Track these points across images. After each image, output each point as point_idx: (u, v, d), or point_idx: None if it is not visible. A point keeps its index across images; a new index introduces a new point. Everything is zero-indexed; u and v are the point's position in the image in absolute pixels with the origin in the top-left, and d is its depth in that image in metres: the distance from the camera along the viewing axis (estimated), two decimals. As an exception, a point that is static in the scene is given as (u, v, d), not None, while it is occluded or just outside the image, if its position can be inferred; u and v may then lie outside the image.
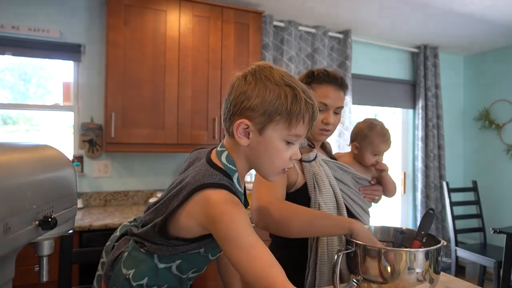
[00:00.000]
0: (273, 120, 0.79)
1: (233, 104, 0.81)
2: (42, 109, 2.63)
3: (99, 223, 2.07)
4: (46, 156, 0.66)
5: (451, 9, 2.96)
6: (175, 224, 0.81)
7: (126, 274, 0.84)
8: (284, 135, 0.81)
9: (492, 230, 2.70)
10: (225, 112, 0.84)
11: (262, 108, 0.78)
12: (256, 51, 2.79)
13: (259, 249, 0.73)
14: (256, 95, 0.79)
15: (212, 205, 0.75)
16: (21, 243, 0.55)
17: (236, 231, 0.73)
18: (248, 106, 0.79)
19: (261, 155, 0.83)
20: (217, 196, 0.76)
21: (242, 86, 0.81)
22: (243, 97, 0.80)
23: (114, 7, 2.37)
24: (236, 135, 0.81)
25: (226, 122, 0.84)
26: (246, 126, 0.80)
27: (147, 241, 0.85)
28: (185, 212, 0.79)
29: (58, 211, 0.64)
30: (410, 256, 0.89)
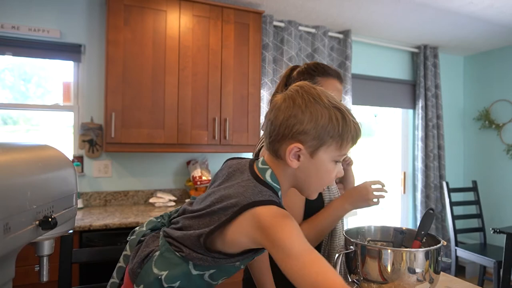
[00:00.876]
0: (325, 143, 0.81)
1: (283, 127, 0.81)
2: (42, 109, 2.63)
3: (99, 223, 2.07)
4: (46, 156, 0.66)
5: (451, 9, 2.96)
6: (220, 238, 0.80)
7: (158, 275, 0.84)
8: (334, 156, 0.83)
9: (492, 230, 2.70)
10: (271, 134, 0.84)
11: (315, 132, 0.80)
12: (256, 51, 2.79)
13: (312, 256, 0.73)
14: (308, 119, 0.79)
15: (264, 220, 0.75)
16: (21, 243, 0.55)
17: (289, 241, 0.73)
18: (301, 130, 0.80)
19: (311, 176, 0.85)
20: (268, 211, 0.77)
21: (291, 109, 0.81)
22: (294, 120, 0.80)
23: (114, 7, 2.37)
24: (288, 159, 0.81)
25: (274, 144, 0.84)
26: (298, 150, 0.81)
27: (187, 247, 0.84)
28: (234, 228, 0.78)
29: (58, 211, 0.64)
30: (410, 256, 0.89)
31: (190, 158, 2.93)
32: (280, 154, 0.83)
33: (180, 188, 2.91)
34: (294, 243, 0.73)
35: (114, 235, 2.10)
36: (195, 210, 0.88)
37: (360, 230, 1.14)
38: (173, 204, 2.68)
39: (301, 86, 0.85)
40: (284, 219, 0.76)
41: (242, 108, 2.75)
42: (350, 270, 0.99)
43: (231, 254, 0.82)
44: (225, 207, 0.80)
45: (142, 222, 2.11)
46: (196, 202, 0.92)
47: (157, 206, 2.63)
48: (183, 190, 2.91)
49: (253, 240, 0.78)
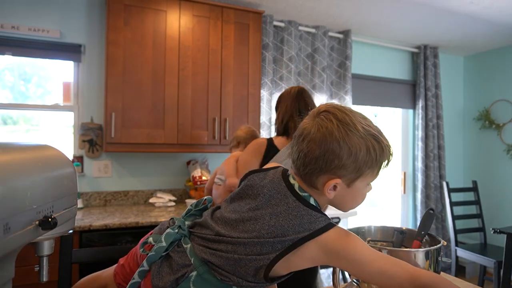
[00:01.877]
0: (363, 174, 0.80)
1: (320, 162, 0.79)
2: (42, 109, 2.63)
3: (99, 223, 2.07)
4: (46, 156, 0.66)
5: (451, 9, 2.96)
6: (277, 267, 0.79)
7: None
8: (369, 182, 0.84)
9: (492, 230, 2.70)
10: (306, 166, 0.81)
11: (354, 166, 0.78)
12: (256, 51, 2.79)
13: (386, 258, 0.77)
14: (347, 154, 0.77)
15: (333, 245, 0.77)
16: (21, 243, 0.55)
17: (362, 254, 0.76)
18: (340, 166, 0.78)
19: (347, 201, 0.85)
20: (335, 235, 0.77)
21: (328, 143, 0.78)
22: (333, 156, 0.78)
23: (114, 7, 2.37)
24: (326, 192, 0.80)
25: (310, 177, 0.82)
26: (335, 184, 0.80)
27: (236, 276, 0.82)
28: (295, 257, 0.78)
29: (58, 211, 0.64)
30: (410, 256, 0.89)
31: (190, 158, 2.93)
32: (316, 185, 0.82)
33: (180, 188, 2.91)
34: (371, 255, 0.76)
35: (114, 235, 2.10)
36: (235, 236, 0.83)
37: (360, 230, 1.13)
38: (173, 204, 2.68)
39: (333, 113, 0.81)
40: (351, 239, 0.77)
41: (242, 108, 2.75)
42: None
43: (283, 276, 0.82)
44: (282, 240, 0.78)
45: (142, 222, 2.11)
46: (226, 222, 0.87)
47: (157, 206, 2.63)
48: (183, 190, 2.91)
49: (317, 262, 0.79)
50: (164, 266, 0.88)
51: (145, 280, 0.90)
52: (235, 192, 0.93)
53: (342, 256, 0.76)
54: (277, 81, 3.11)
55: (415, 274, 0.74)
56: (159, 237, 0.92)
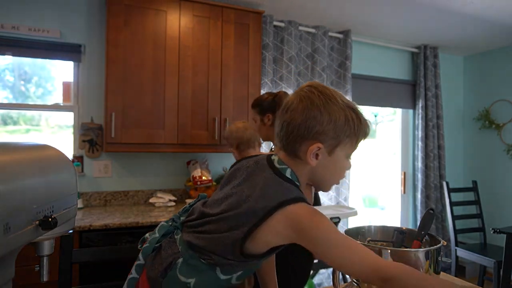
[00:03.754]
0: (342, 142, 0.85)
1: (302, 129, 0.84)
2: (42, 109, 2.63)
3: (99, 223, 2.07)
4: (46, 156, 0.66)
5: (451, 9, 2.96)
6: (252, 241, 0.81)
7: (186, 282, 0.86)
8: (349, 153, 0.89)
9: (492, 230, 2.70)
10: (289, 135, 0.86)
11: (334, 132, 0.84)
12: (256, 51, 2.79)
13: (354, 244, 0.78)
14: (327, 120, 0.83)
15: (301, 222, 0.78)
16: (21, 243, 0.55)
17: (333, 237, 0.77)
18: (321, 131, 0.83)
19: (328, 172, 0.89)
20: (302, 210, 0.79)
21: (310, 111, 0.84)
22: (314, 122, 0.83)
23: (114, 7, 2.37)
24: (308, 158, 0.84)
25: (293, 145, 0.86)
26: (318, 149, 0.84)
27: (216, 255, 0.84)
28: (266, 229, 0.80)
29: (58, 211, 0.64)
30: (410, 256, 0.89)
31: (190, 158, 2.93)
32: (299, 154, 0.86)
33: (180, 188, 2.91)
34: (338, 239, 0.78)
35: (114, 235, 2.10)
36: (217, 212, 0.86)
37: (360, 230, 1.13)
38: (173, 204, 2.68)
39: (314, 86, 0.87)
40: (318, 217, 0.79)
41: (242, 108, 2.75)
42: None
43: (260, 254, 0.84)
44: (253, 209, 0.80)
45: (142, 222, 2.11)
46: (213, 203, 0.90)
47: (157, 206, 2.63)
48: (183, 190, 2.91)
49: (287, 239, 0.81)
50: (157, 258, 0.91)
51: (142, 276, 0.92)
52: (225, 178, 0.96)
53: (308, 234, 0.77)
54: (277, 81, 3.11)
55: (381, 265, 0.75)
56: (154, 232, 0.96)
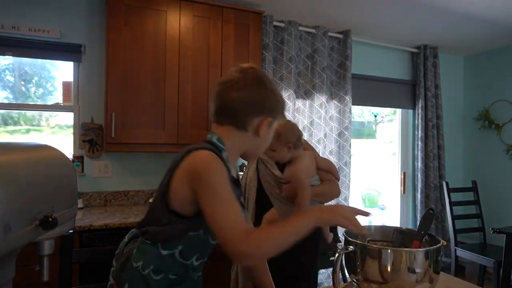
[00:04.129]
0: (278, 118, 1.02)
1: (251, 104, 0.96)
2: (42, 109, 2.63)
3: (99, 223, 2.08)
4: (46, 156, 0.66)
5: (451, 9, 2.96)
6: (172, 194, 0.91)
7: (136, 266, 0.93)
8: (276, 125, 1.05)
9: (492, 230, 2.70)
10: (236, 109, 0.96)
11: (276, 107, 1.00)
12: (256, 51, 2.79)
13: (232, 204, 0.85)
14: (272, 97, 0.99)
15: (199, 163, 0.88)
16: (22, 243, 0.55)
17: (217, 184, 0.85)
18: (268, 106, 0.97)
19: (264, 143, 1.03)
20: (203, 153, 0.89)
21: (258, 88, 0.97)
22: (263, 98, 0.97)
23: (114, 7, 2.37)
24: (260, 130, 0.97)
25: (237, 118, 0.96)
26: (268, 123, 0.98)
27: (154, 225, 0.93)
28: (177, 176, 0.90)
29: (59, 211, 0.64)
30: (410, 256, 0.89)
31: (190, 158, 2.93)
32: (247, 126, 0.97)
33: (180, 188, 2.90)
34: (221, 187, 0.85)
35: (114, 235, 2.10)
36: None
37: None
38: (173, 204, 2.68)
39: (253, 67, 1.01)
40: (214, 167, 0.87)
41: (242, 108, 2.75)
42: (350, 270, 1.00)
43: (187, 216, 0.91)
44: (172, 164, 0.95)
45: (142, 222, 2.11)
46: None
47: (157, 206, 2.63)
48: (183, 190, 2.91)
49: (186, 183, 0.88)
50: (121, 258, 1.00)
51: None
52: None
53: (200, 177, 0.86)
54: (277, 81, 3.11)
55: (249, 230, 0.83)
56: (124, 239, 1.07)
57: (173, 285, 0.95)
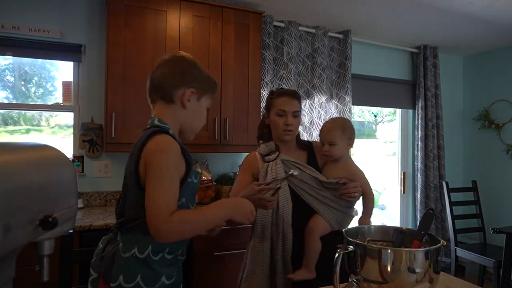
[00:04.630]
0: (206, 93, 1.15)
1: (175, 78, 1.08)
2: (42, 109, 2.63)
3: (99, 223, 2.08)
4: (46, 156, 0.66)
5: (451, 9, 2.96)
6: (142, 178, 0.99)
7: (130, 254, 1.00)
8: (208, 104, 1.17)
9: (492, 230, 2.70)
10: (164, 84, 1.09)
11: (203, 83, 1.12)
12: (256, 51, 2.79)
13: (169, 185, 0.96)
14: (198, 73, 1.12)
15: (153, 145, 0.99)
16: (22, 243, 0.55)
17: (162, 165, 0.96)
18: (192, 79, 1.09)
19: (195, 117, 1.14)
20: (158, 138, 1.00)
21: (182, 65, 1.10)
22: (187, 73, 1.09)
23: (115, 7, 2.37)
24: (184, 100, 1.09)
25: (165, 93, 1.09)
26: (191, 94, 1.09)
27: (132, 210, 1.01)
28: (142, 163, 0.99)
29: (59, 211, 0.64)
30: (410, 256, 0.89)
31: (190, 158, 2.92)
32: (172, 98, 1.09)
33: (180, 188, 2.90)
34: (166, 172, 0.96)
35: (114, 235, 2.10)
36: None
37: (360, 230, 1.14)
38: (173, 204, 2.68)
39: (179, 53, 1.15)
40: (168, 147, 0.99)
41: (242, 108, 2.75)
42: (350, 270, 1.00)
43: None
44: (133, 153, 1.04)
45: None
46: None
47: (157, 206, 2.62)
48: (183, 190, 2.90)
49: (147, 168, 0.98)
50: (103, 260, 1.05)
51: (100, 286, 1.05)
52: None
53: (149, 158, 0.97)
54: (277, 81, 3.11)
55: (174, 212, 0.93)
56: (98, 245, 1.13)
57: (169, 266, 1.06)
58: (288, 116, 1.55)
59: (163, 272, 1.03)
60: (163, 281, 1.03)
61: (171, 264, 1.07)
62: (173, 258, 1.07)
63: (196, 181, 1.11)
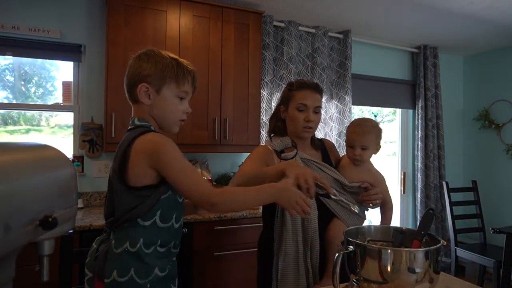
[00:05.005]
0: (166, 82, 1.08)
1: (134, 76, 1.08)
2: (42, 109, 2.63)
3: (99, 223, 2.08)
4: (46, 156, 0.66)
5: (451, 9, 2.96)
6: (132, 177, 1.01)
7: (122, 249, 1.01)
8: (176, 92, 1.11)
9: (492, 230, 2.70)
10: (127, 84, 1.11)
11: (156, 74, 1.07)
12: (256, 51, 2.79)
13: (196, 173, 1.04)
14: (150, 66, 1.08)
15: (149, 144, 1.00)
16: (21, 243, 0.55)
17: (177, 157, 1.01)
18: (145, 74, 1.07)
19: (162, 110, 1.11)
20: (148, 137, 1.02)
21: (138, 62, 1.09)
22: (140, 69, 1.08)
23: (115, 7, 2.37)
24: (140, 97, 1.08)
25: (131, 92, 1.10)
26: (146, 89, 1.07)
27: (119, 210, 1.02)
28: (135, 162, 1.01)
29: (59, 211, 0.64)
30: (410, 256, 0.89)
31: (190, 158, 2.93)
32: (135, 97, 1.09)
33: (180, 188, 2.90)
34: (182, 162, 1.01)
35: (114, 235, 2.10)
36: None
37: (360, 230, 1.14)
38: (173, 204, 2.68)
39: (148, 48, 1.13)
40: (166, 142, 1.01)
41: (242, 108, 2.75)
42: (350, 270, 1.00)
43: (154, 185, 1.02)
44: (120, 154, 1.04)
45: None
46: None
47: (157, 206, 2.62)
48: (183, 190, 2.90)
49: (151, 166, 1.00)
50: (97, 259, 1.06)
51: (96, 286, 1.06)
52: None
53: (159, 156, 1.00)
54: (277, 81, 3.11)
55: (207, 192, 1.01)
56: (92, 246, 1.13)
57: (162, 258, 1.07)
58: (310, 111, 1.42)
59: (156, 265, 1.05)
60: (157, 273, 1.04)
61: (164, 256, 1.08)
62: (166, 250, 1.08)
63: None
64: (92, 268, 1.06)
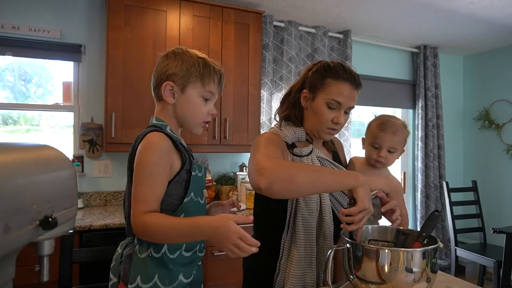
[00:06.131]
0: (191, 81, 1.07)
1: (159, 74, 1.08)
2: (42, 109, 2.63)
3: (99, 223, 2.08)
4: (46, 156, 0.66)
5: (451, 9, 2.96)
6: None
7: (147, 255, 1.00)
8: (201, 92, 1.08)
9: (492, 230, 2.70)
10: (154, 82, 1.10)
11: (181, 72, 1.06)
12: (256, 51, 2.79)
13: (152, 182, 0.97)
14: (175, 64, 1.07)
15: (142, 143, 0.99)
16: (21, 243, 0.55)
17: (147, 161, 0.97)
18: (170, 73, 1.06)
19: (185, 109, 1.08)
20: (148, 136, 1.00)
21: (165, 61, 1.09)
22: (166, 67, 1.07)
23: (115, 7, 2.37)
24: (164, 95, 1.06)
25: (156, 89, 1.10)
26: (171, 88, 1.06)
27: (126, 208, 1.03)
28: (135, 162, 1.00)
29: (59, 211, 0.64)
30: (407, 255, 0.89)
31: (190, 158, 2.92)
32: (159, 95, 1.08)
33: (180, 188, 2.90)
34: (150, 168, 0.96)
35: (114, 235, 2.10)
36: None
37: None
38: (173, 204, 2.68)
39: (176, 47, 1.12)
40: (155, 144, 0.98)
41: (242, 108, 2.75)
42: (347, 270, 0.99)
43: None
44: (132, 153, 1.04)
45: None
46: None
47: (157, 206, 2.62)
48: (183, 190, 2.90)
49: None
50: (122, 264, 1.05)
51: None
52: None
53: (137, 157, 0.99)
54: (277, 81, 3.11)
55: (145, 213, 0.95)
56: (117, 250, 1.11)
57: (186, 265, 1.05)
58: (341, 111, 1.18)
59: (180, 271, 1.03)
60: (181, 279, 1.03)
61: (190, 261, 1.06)
62: (192, 255, 1.06)
63: (201, 175, 1.11)
64: (117, 273, 1.05)
